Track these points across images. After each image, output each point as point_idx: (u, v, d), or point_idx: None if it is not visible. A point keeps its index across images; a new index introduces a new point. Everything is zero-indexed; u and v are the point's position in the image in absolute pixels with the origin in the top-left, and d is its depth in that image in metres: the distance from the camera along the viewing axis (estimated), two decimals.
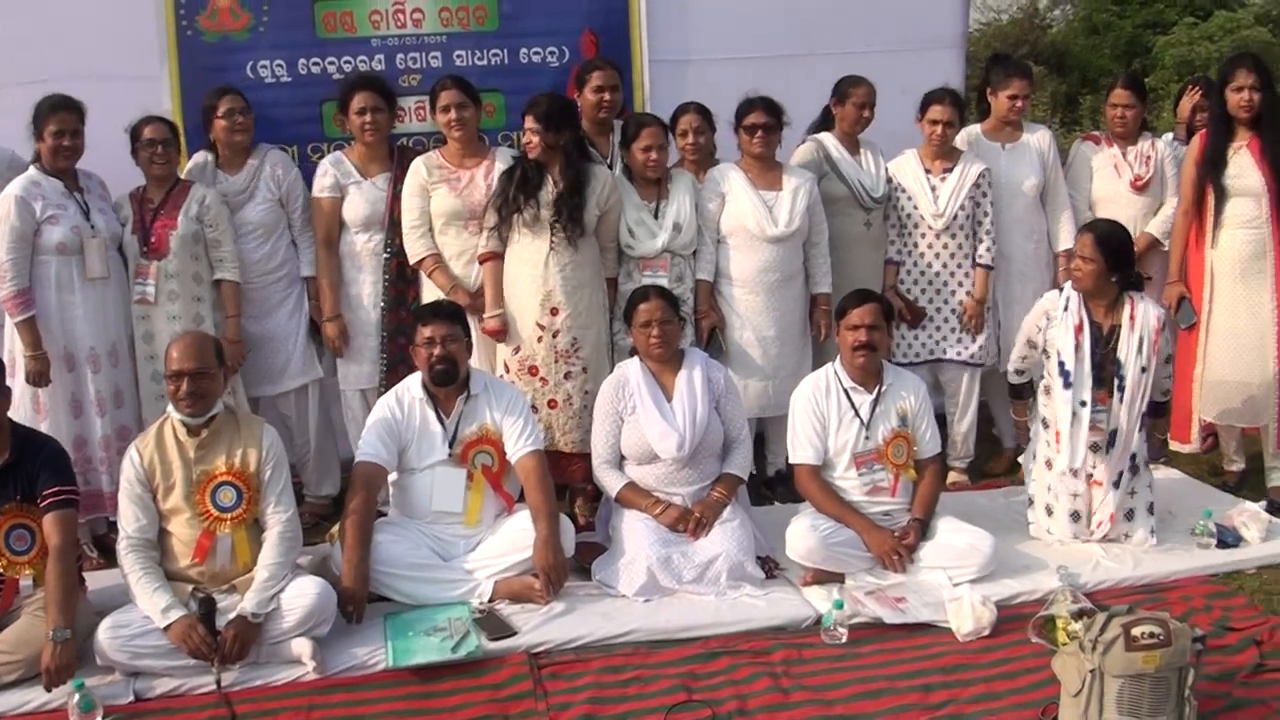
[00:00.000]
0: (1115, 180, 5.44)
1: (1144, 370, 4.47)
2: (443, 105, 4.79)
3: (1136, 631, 3.10)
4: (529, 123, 4.61)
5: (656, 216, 4.85)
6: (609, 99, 5.01)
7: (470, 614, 3.94)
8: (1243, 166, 4.87)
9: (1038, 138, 5.40)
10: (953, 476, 5.36)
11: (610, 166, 5.01)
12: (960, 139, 5.33)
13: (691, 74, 5.58)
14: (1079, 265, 4.50)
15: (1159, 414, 4.87)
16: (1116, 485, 4.50)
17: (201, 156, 4.98)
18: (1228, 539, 4.51)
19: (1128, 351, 4.47)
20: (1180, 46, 22.81)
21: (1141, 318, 4.48)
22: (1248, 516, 4.62)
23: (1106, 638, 3.12)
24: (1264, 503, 4.87)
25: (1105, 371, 4.49)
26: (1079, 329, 4.48)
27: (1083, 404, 4.47)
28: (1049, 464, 4.60)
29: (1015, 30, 24.91)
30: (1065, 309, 4.51)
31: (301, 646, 3.69)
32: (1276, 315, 4.88)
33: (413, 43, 5.42)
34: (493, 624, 3.88)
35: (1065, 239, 5.30)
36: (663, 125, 4.91)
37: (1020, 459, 4.93)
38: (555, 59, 5.50)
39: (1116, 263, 4.45)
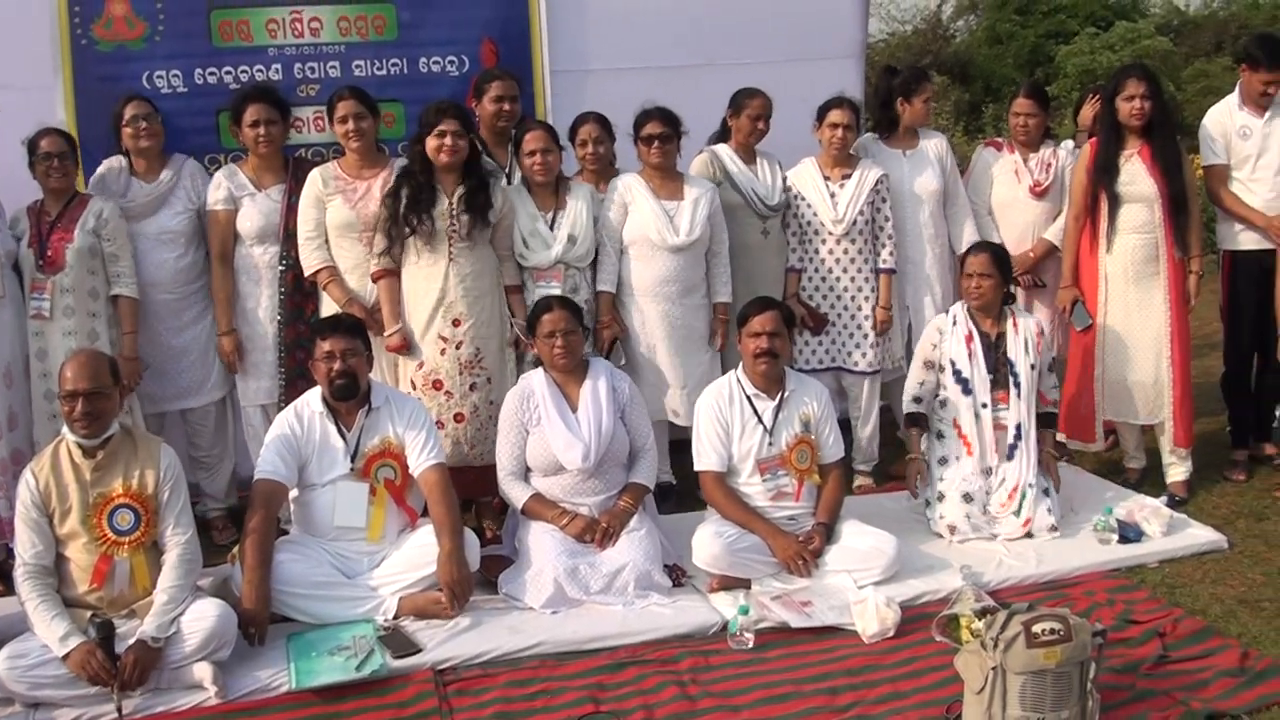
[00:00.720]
0: (1015, 186, 5.54)
1: (1033, 367, 4.75)
2: (340, 116, 4.72)
3: (1037, 628, 3.15)
4: (450, 125, 4.54)
5: (552, 228, 4.83)
6: (508, 109, 4.98)
7: (374, 632, 3.88)
8: (1134, 173, 5.00)
9: (935, 144, 5.49)
10: (858, 480, 5.42)
11: (509, 178, 4.99)
12: (856, 147, 5.39)
13: (592, 84, 5.57)
14: (979, 283, 4.74)
15: (1048, 424, 5.02)
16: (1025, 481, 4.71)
17: (116, 161, 4.88)
18: (1130, 534, 4.61)
19: (1016, 351, 4.77)
20: (1082, 56, 23.36)
21: (1023, 325, 4.83)
22: (1149, 512, 4.73)
23: (1007, 635, 3.16)
24: (1164, 498, 5.00)
25: (1000, 373, 4.77)
26: (969, 338, 4.77)
27: (984, 406, 4.74)
28: (944, 461, 4.80)
29: (919, 40, 25.32)
30: (954, 324, 4.80)
31: (203, 671, 3.59)
32: (1170, 316, 5.02)
33: (310, 52, 5.35)
34: (397, 641, 3.82)
35: (967, 243, 5.38)
36: (549, 130, 4.89)
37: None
38: (455, 69, 5.46)
39: (1007, 276, 4.83)
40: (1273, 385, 5.58)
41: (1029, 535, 4.63)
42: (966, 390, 4.76)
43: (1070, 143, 5.85)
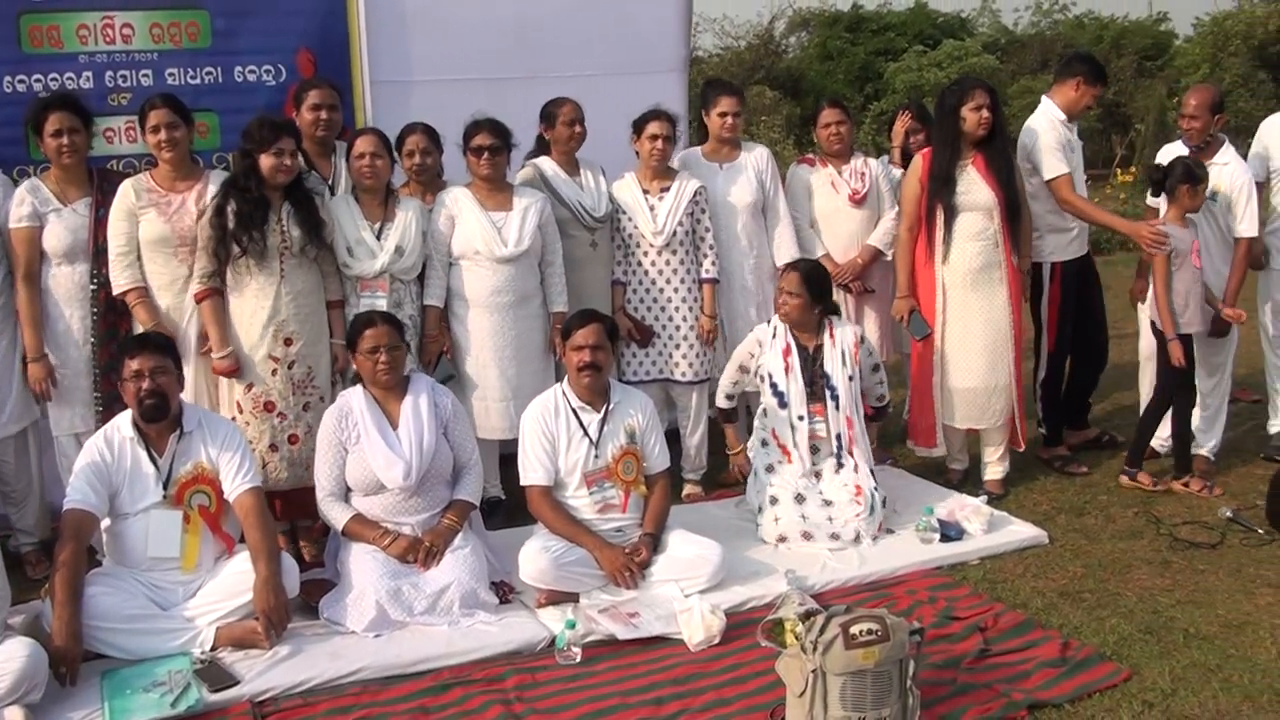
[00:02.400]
0: (834, 197, 5.65)
1: (851, 379, 4.87)
2: (152, 125, 4.56)
3: (855, 629, 3.20)
4: (287, 144, 4.43)
5: (379, 238, 4.75)
6: (326, 117, 4.89)
7: (191, 665, 3.73)
8: (971, 182, 5.13)
9: (755, 156, 5.54)
10: (687, 489, 5.46)
11: (333, 189, 4.89)
12: (677, 160, 5.44)
13: (416, 94, 5.52)
14: (786, 300, 4.86)
15: (880, 418, 5.15)
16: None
17: None
18: (951, 533, 4.74)
19: (834, 364, 4.89)
20: (910, 73, 24.15)
21: (840, 336, 4.94)
22: (970, 511, 4.86)
23: (826, 638, 3.20)
24: (982, 496, 5.16)
25: (816, 386, 4.90)
26: (787, 352, 4.90)
27: (800, 418, 4.86)
28: (770, 469, 4.89)
29: (752, 56, 25.79)
30: (774, 337, 4.90)
31: (14, 715, 3.40)
32: (1012, 320, 5.17)
33: (122, 60, 5.18)
34: (214, 674, 3.69)
35: (784, 254, 5.46)
36: (381, 136, 4.83)
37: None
38: (271, 78, 5.35)
39: (818, 295, 4.91)
40: (1082, 387, 5.84)
41: (857, 540, 4.70)
42: (783, 404, 4.89)
43: (886, 158, 6.01)
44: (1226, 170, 5.39)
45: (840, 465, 4.89)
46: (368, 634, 3.95)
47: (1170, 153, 5.58)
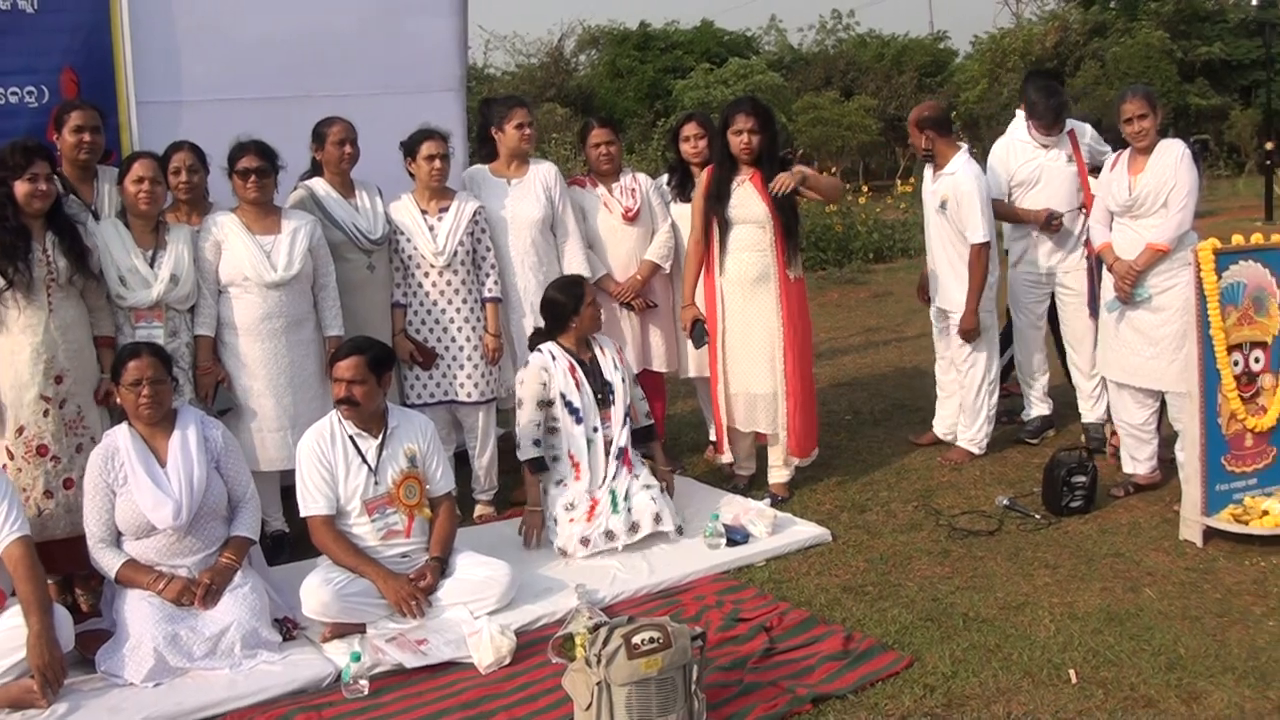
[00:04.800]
0: (609, 216, 5.70)
1: (624, 381, 5.02)
2: None
3: (636, 639, 3.23)
4: (42, 168, 4.22)
5: (153, 265, 4.57)
6: (89, 140, 4.68)
7: None
8: (744, 198, 5.25)
9: (543, 172, 5.54)
10: (479, 510, 5.43)
11: (97, 215, 4.69)
12: (463, 178, 5.42)
13: (185, 115, 5.33)
14: (592, 314, 4.98)
15: (649, 438, 5.25)
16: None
17: None
18: (737, 537, 4.83)
19: (608, 369, 5.02)
20: (698, 90, 24.76)
21: (604, 345, 5.13)
22: (754, 514, 4.97)
23: (608, 650, 3.22)
24: (766, 499, 5.27)
25: (602, 394, 4.99)
26: (572, 370, 4.94)
27: (595, 430, 4.94)
28: (559, 483, 4.94)
29: (543, 74, 25.97)
30: (554, 359, 4.94)
31: None
32: (782, 330, 5.30)
33: None
34: None
35: (574, 269, 5.47)
36: (157, 160, 4.66)
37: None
38: (34, 99, 5.07)
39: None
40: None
41: (658, 520, 4.80)
42: (579, 420, 4.93)
43: (666, 177, 6.09)
44: (951, 180, 5.71)
45: (624, 468, 4.96)
46: (147, 684, 3.77)
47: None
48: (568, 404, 4.92)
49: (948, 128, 5.87)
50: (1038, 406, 6.22)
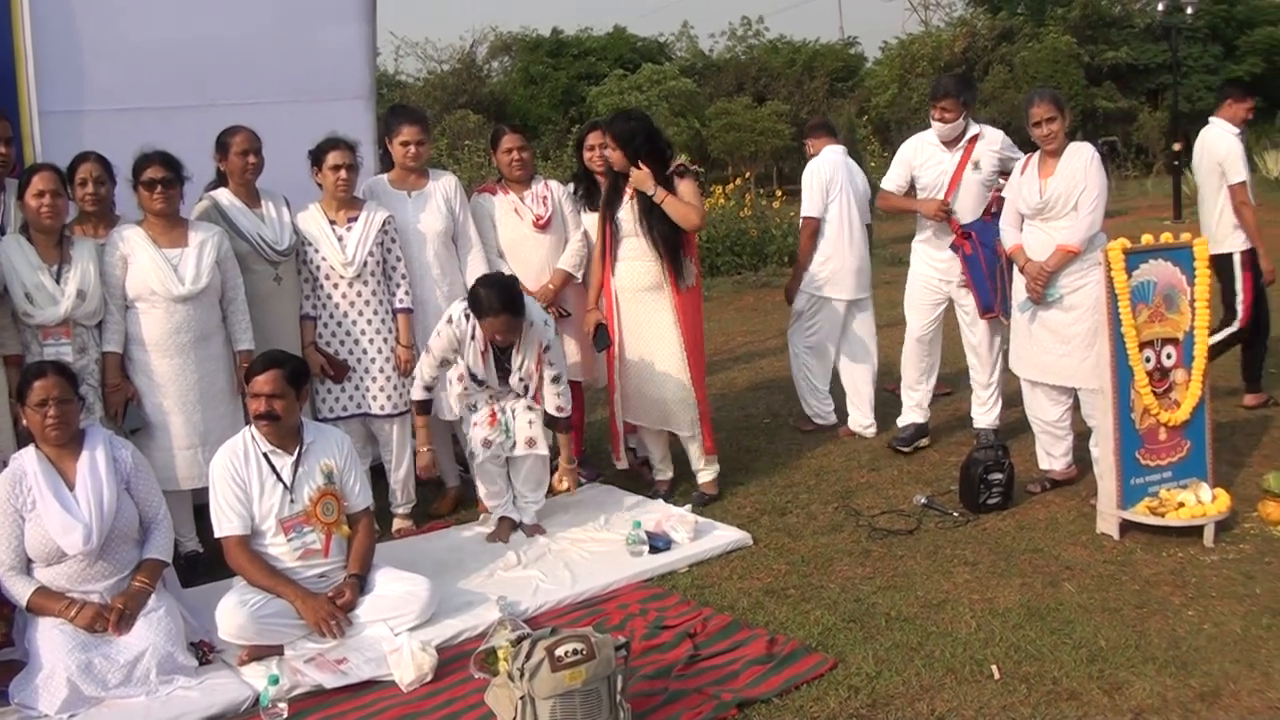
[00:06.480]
0: (519, 224, 5.66)
1: (526, 359, 4.98)
2: None
3: (560, 651, 3.22)
4: None
5: (59, 281, 4.44)
6: (3, 152, 4.59)
7: None
8: (630, 211, 5.29)
9: (443, 184, 5.51)
10: (397, 524, 5.36)
11: (2, 230, 4.56)
12: (363, 188, 5.35)
13: (88, 125, 5.25)
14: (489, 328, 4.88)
15: (555, 425, 5.16)
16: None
17: None
18: (659, 544, 4.83)
19: (521, 357, 4.97)
20: (612, 96, 24.84)
21: (530, 347, 5.01)
22: (676, 520, 4.98)
23: (531, 663, 3.21)
24: (695, 496, 5.29)
25: (505, 371, 5.02)
26: (484, 353, 4.92)
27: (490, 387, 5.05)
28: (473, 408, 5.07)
29: (455, 80, 25.82)
30: (472, 338, 4.88)
31: None
32: (680, 338, 5.33)
33: None
34: None
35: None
36: (59, 173, 4.54)
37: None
38: None
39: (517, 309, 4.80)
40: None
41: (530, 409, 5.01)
42: (480, 384, 5.00)
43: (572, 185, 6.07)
44: None
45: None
46: (61, 715, 3.66)
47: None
48: (472, 375, 4.94)
49: (824, 131, 7.07)
50: (912, 414, 6.28)
